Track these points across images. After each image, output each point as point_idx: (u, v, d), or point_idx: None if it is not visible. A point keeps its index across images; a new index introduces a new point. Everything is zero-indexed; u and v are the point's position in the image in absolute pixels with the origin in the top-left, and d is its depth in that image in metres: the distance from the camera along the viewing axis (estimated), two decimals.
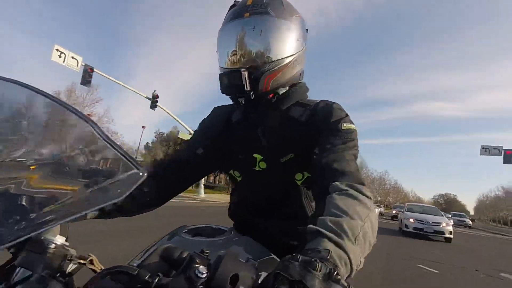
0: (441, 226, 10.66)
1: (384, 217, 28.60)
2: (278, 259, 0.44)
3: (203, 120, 0.98)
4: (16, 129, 0.51)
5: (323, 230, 0.51)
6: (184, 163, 0.89)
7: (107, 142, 0.45)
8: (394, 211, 29.19)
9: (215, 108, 0.99)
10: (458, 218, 18.17)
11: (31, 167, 0.48)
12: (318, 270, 0.37)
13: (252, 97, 0.78)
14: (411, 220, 11.25)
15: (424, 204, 16.55)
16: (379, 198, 68.61)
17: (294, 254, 0.41)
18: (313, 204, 0.83)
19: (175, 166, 0.88)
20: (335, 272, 0.37)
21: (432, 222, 10.83)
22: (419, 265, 5.41)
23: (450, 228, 10.69)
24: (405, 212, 12.30)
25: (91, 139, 0.47)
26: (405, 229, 11.34)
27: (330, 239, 0.49)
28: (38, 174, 0.49)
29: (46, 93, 0.48)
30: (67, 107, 0.47)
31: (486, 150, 15.54)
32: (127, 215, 0.79)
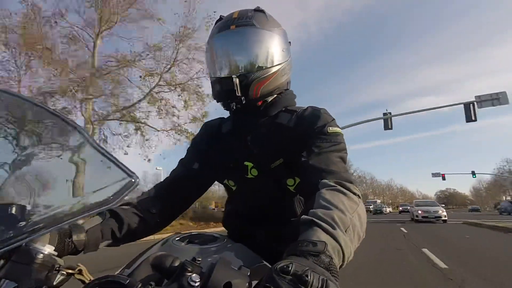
0: (439, 213, 16.94)
1: (392, 214, 41.56)
2: (270, 266, 0.44)
3: (194, 137, 1.01)
4: (6, 137, 0.50)
5: (317, 220, 0.52)
6: (183, 180, 0.91)
7: (99, 150, 0.45)
8: (400, 208, 42.98)
9: (204, 123, 1.03)
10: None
11: (21, 176, 0.47)
12: (309, 286, 0.36)
13: (243, 102, 0.81)
14: (420, 211, 17.43)
15: (426, 200, 24.98)
16: (390, 201, 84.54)
17: (286, 260, 0.40)
18: None
19: (176, 184, 0.90)
20: (327, 282, 0.37)
21: (433, 211, 17.10)
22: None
23: (445, 213, 17.04)
24: (414, 207, 18.88)
25: (82, 147, 0.47)
26: (416, 218, 17.51)
27: (324, 229, 0.50)
28: (28, 183, 0.48)
29: (37, 101, 0.48)
30: (59, 116, 0.47)
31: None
32: (139, 238, 0.81)
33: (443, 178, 34.96)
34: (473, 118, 14.05)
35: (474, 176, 34.17)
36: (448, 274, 4.21)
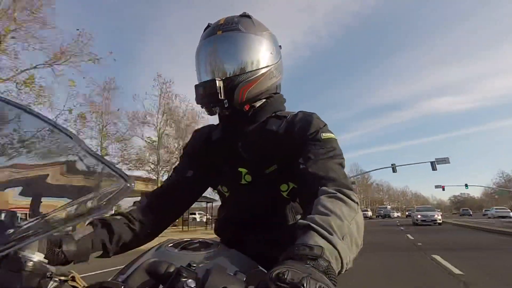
0: (435, 217, 20.79)
1: (399, 218, 46.47)
2: (266, 271, 0.44)
3: (185, 144, 1.00)
4: None
5: (313, 225, 0.52)
6: (176, 188, 0.90)
7: (92, 155, 0.44)
8: (407, 213, 50.62)
9: (195, 131, 1.02)
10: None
11: (11, 182, 0.46)
12: None
13: (226, 106, 0.80)
14: (419, 216, 21.39)
15: (425, 206, 30.74)
16: (404, 207, 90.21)
17: (282, 266, 0.40)
18: (298, 216, 0.84)
19: (169, 193, 0.89)
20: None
21: (430, 215, 21.00)
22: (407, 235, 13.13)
23: (440, 217, 21.01)
24: (415, 212, 23.27)
25: (75, 152, 0.47)
26: (416, 221, 21.41)
27: (321, 234, 0.50)
28: (20, 189, 0.47)
29: (29, 108, 0.47)
30: (50, 123, 0.46)
31: None
32: (130, 249, 0.79)
33: (443, 189, 41.25)
34: (436, 169, 25.85)
35: (466, 187, 41.05)
36: (415, 243, 9.68)
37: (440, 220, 20.63)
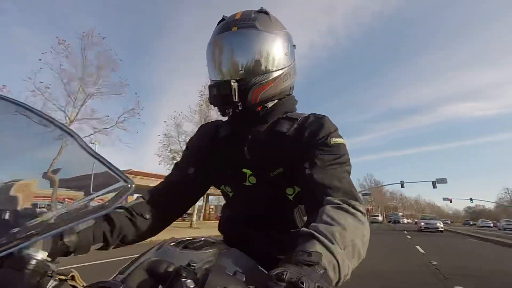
0: (437, 225, 23.43)
1: (408, 225, 48.90)
2: (266, 272, 0.44)
3: (190, 139, 0.98)
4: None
5: (315, 233, 0.51)
6: (178, 185, 0.89)
7: (93, 155, 0.45)
8: (416, 221, 52.96)
9: (201, 126, 0.99)
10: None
11: (15, 181, 0.47)
12: None
13: (240, 108, 0.78)
14: (422, 223, 24.24)
15: (429, 215, 34.20)
16: (418, 215, 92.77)
17: (281, 267, 0.40)
18: (305, 218, 0.83)
19: (170, 189, 0.88)
20: None
21: (432, 223, 23.83)
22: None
23: (442, 225, 23.82)
24: (420, 220, 26.95)
25: (76, 153, 0.47)
26: (420, 228, 23.91)
27: (322, 243, 0.50)
28: (22, 188, 0.48)
29: (29, 107, 0.48)
30: (52, 121, 0.47)
31: None
32: (130, 243, 0.80)
33: (450, 201, 45.53)
34: (436, 187, 31.63)
35: (471, 201, 46.27)
36: (410, 242, 12.36)
37: (442, 228, 23.69)
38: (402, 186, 32.44)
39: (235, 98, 0.76)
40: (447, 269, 5.67)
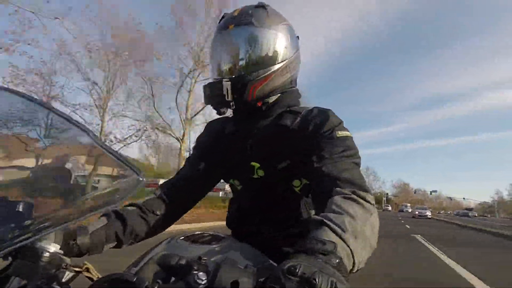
0: (426, 213, 34.21)
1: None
2: (276, 265, 0.44)
3: (199, 136, 1.00)
4: (14, 137, 0.50)
5: (327, 221, 0.51)
6: (189, 180, 0.91)
7: (105, 149, 0.45)
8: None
9: (208, 123, 1.01)
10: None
11: (29, 174, 0.47)
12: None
13: (233, 107, 0.79)
14: (416, 212, 35.05)
15: (421, 206, 44.36)
16: (437, 207, 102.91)
17: (294, 260, 0.40)
18: (312, 211, 0.84)
19: (181, 185, 0.90)
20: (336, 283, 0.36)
21: (425, 212, 34.34)
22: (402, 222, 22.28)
23: (430, 213, 35.14)
24: (415, 209, 39.33)
25: (89, 147, 0.47)
26: (414, 215, 34.57)
27: (334, 231, 0.49)
28: (36, 181, 0.48)
29: (44, 102, 0.48)
30: (64, 117, 0.47)
31: None
32: (143, 239, 0.81)
33: (464, 199, 52.05)
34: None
35: (464, 200, 49.54)
36: (404, 223, 19.63)
37: (429, 215, 33.85)
38: (415, 192, 38.67)
39: (227, 98, 0.76)
40: (415, 231, 12.87)
